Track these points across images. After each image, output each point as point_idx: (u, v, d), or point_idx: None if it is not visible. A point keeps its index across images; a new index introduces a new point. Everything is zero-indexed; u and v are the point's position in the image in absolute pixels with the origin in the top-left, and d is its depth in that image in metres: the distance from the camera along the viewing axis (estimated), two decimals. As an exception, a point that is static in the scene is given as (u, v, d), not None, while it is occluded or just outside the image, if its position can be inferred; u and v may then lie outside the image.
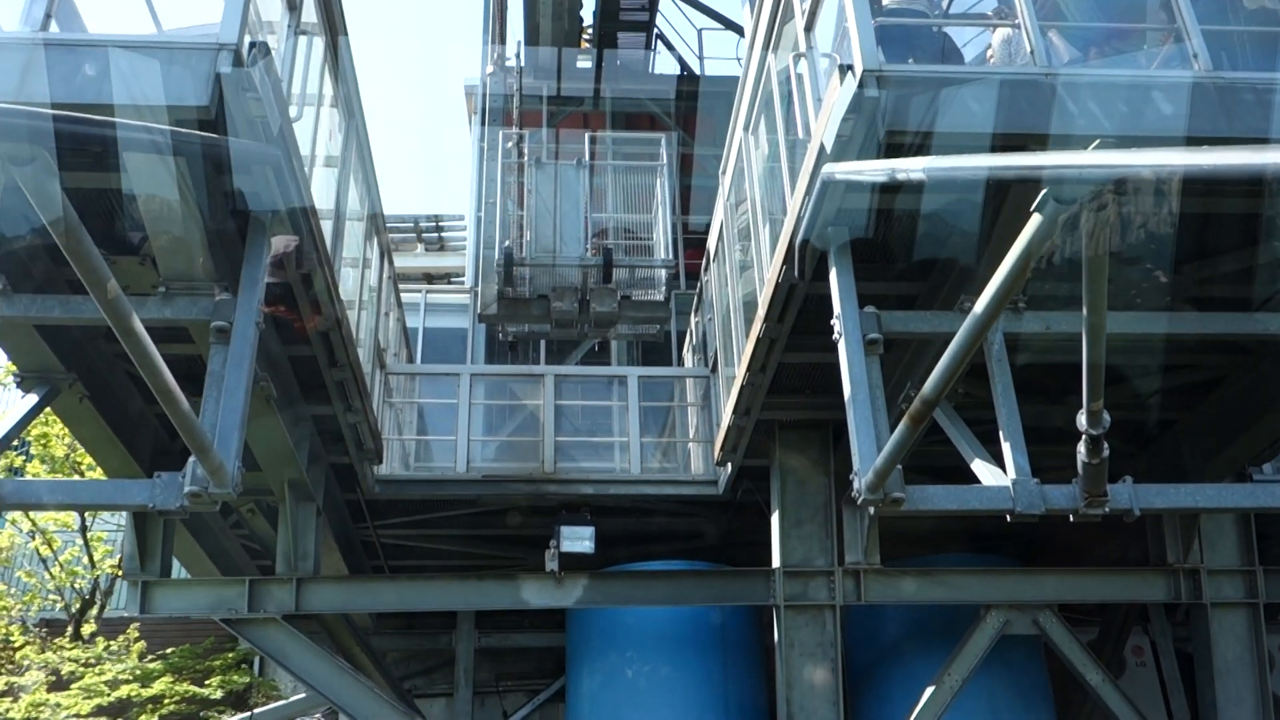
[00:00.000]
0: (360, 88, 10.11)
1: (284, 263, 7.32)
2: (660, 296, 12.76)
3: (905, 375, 7.92)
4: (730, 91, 19.01)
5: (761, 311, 8.30)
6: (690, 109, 18.67)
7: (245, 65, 6.03)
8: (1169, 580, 9.80)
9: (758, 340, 8.48)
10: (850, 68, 6.29)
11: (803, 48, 7.60)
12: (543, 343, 16.00)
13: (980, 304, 4.54)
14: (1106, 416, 5.47)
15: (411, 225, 21.66)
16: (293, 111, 7.26)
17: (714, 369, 11.97)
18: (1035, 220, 4.05)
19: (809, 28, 7.58)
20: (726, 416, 9.95)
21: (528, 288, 12.66)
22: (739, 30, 19.80)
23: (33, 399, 7.50)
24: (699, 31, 20.21)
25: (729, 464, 10.61)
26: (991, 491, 6.39)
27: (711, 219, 13.05)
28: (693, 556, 11.76)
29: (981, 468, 6.66)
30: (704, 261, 12.82)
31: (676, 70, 20.09)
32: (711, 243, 12.13)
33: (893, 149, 6.25)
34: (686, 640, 10.86)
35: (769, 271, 8.93)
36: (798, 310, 8.02)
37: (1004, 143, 6.02)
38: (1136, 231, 3.59)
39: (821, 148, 6.55)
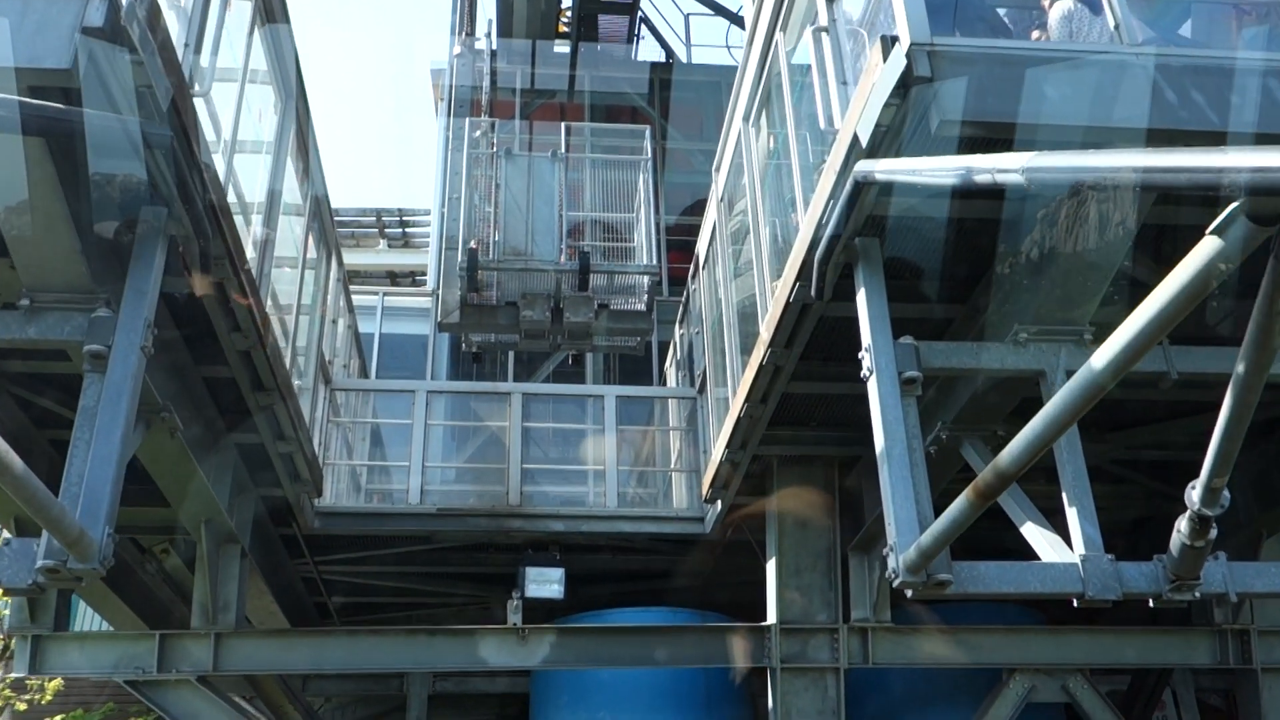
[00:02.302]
0: (306, 64, 8.75)
1: (187, 268, 5.97)
2: (642, 306, 11.45)
3: (933, 412, 6.65)
4: (719, 81, 17.88)
5: (765, 335, 7.02)
6: (676, 99, 17.32)
7: (123, 19, 4.67)
8: (1214, 642, 8.68)
9: (760, 368, 7.20)
10: (895, 40, 5.00)
11: (824, 21, 6.31)
12: (511, 354, 14.62)
13: (1109, 351, 3.26)
14: (1226, 495, 4.19)
15: (374, 219, 20.25)
16: (200, 85, 5.91)
17: (701, 389, 10.68)
18: (1211, 245, 2.77)
19: (832, -3, 6.29)
20: (718, 450, 8.65)
21: (495, 293, 11.32)
22: (729, 16, 18.54)
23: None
24: (686, 17, 18.89)
25: (719, 501, 9.31)
26: (1057, 571, 5.13)
27: (699, 220, 11.80)
28: (673, 599, 10.47)
29: (1037, 535, 5.40)
30: (691, 267, 11.52)
31: (661, 58, 18.72)
32: (701, 247, 10.83)
33: (947, 143, 4.98)
34: (666, 698, 9.57)
35: (777, 287, 7.66)
36: (809, 334, 6.75)
37: (1093, 138, 4.75)
38: None
39: (854, 140, 5.26)
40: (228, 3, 6.69)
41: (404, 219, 20.56)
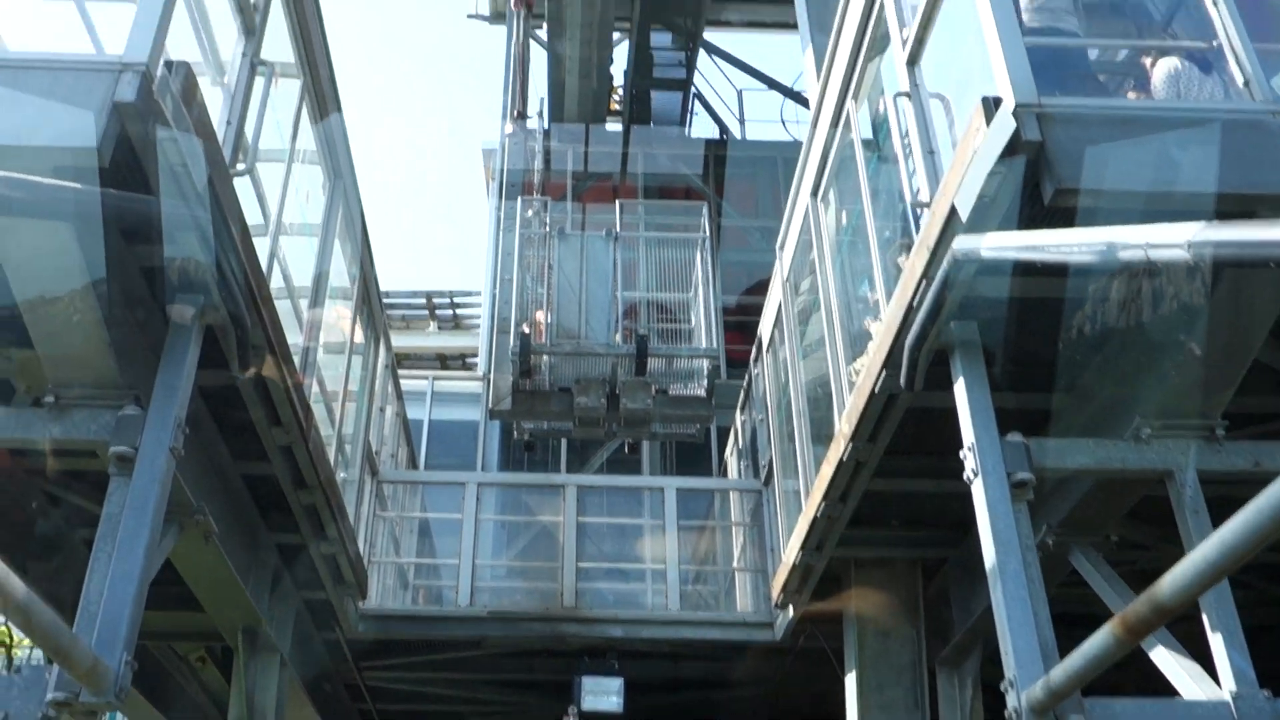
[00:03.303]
0: (354, 142, 8.42)
1: (224, 358, 5.53)
2: (702, 391, 10.90)
3: (1036, 513, 6.00)
4: (775, 157, 17.52)
5: (846, 428, 6.44)
6: (731, 176, 16.92)
7: (156, 92, 4.28)
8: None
9: (839, 464, 6.61)
10: (998, 101, 4.50)
11: (904, 86, 5.84)
12: (564, 442, 14.10)
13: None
14: None
15: (424, 301, 19.96)
16: (242, 164, 5.53)
17: (767, 480, 10.07)
18: None
19: (914, 60, 5.84)
20: (791, 552, 8.02)
21: (547, 379, 10.83)
22: (784, 90, 18.22)
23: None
24: (739, 93, 18.60)
25: (790, 606, 8.65)
26: (1205, 711, 4.45)
27: (757, 300, 11.30)
28: (739, 709, 9.76)
29: (1174, 666, 4.73)
30: (753, 350, 10.97)
31: (714, 135, 18.39)
32: (765, 328, 10.30)
33: (1057, 214, 4.44)
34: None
35: (853, 373, 7.11)
36: (895, 427, 6.17)
37: (1230, 206, 4.19)
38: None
39: (951, 214, 4.74)
40: (274, 79, 6.36)
41: (454, 301, 20.27)
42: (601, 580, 10.42)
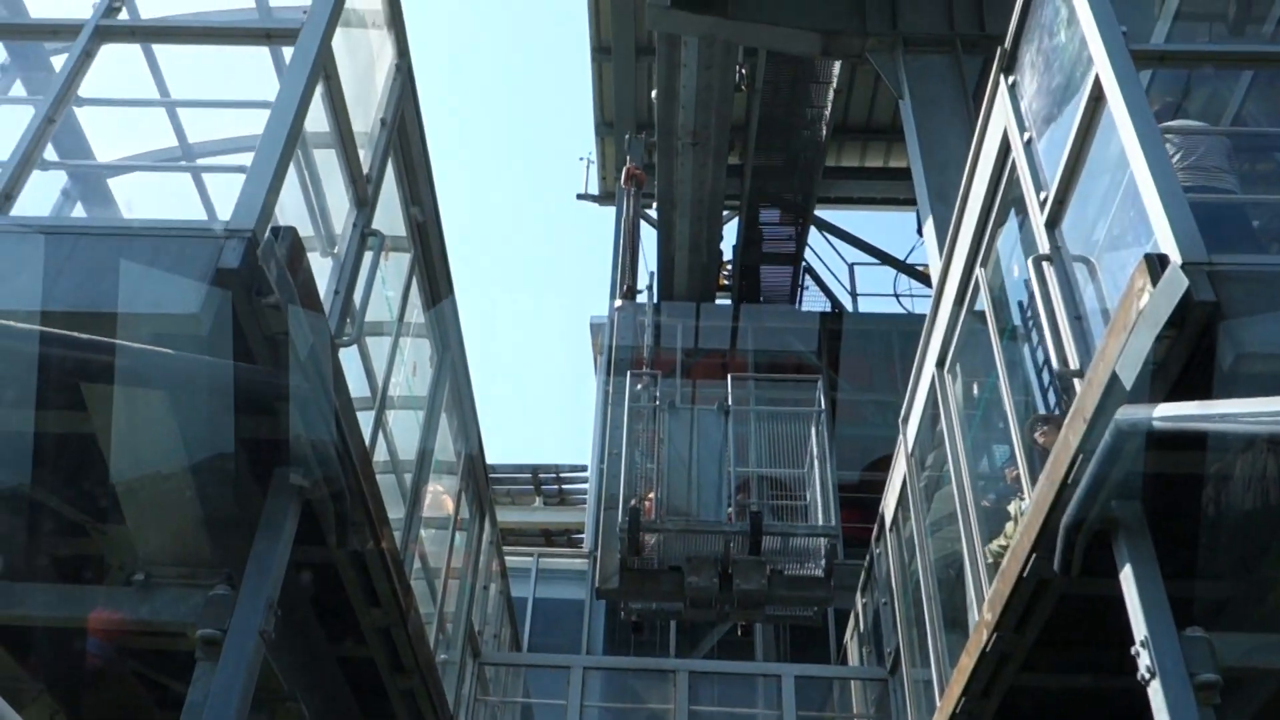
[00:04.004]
0: (463, 317, 8.33)
1: (322, 535, 5.26)
2: (819, 571, 10.29)
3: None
4: (889, 330, 17.22)
5: (989, 615, 5.84)
6: (845, 350, 16.60)
7: (260, 258, 4.14)
8: None
9: (982, 655, 5.98)
10: (1162, 259, 4.10)
11: (1044, 248, 5.48)
12: (673, 623, 13.48)
13: None
14: None
15: (530, 476, 19.77)
16: (347, 334, 5.38)
17: (894, 669, 9.34)
18: None
19: (1054, 222, 5.49)
20: (926, 752, 7.29)
21: (657, 557, 10.36)
22: (897, 264, 18.04)
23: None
24: (850, 266, 18.46)
25: (926, 813, 7.84)
26: None
27: (874, 475, 10.76)
28: None
29: None
30: (875, 528, 10.38)
31: (826, 308, 18.19)
32: (887, 505, 9.75)
33: (1237, 380, 3.96)
34: None
35: (991, 555, 6.55)
36: (1046, 616, 5.56)
37: None
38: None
39: (1112, 382, 4.29)
40: (384, 250, 6.29)
41: (561, 476, 20.05)
42: (714, 775, 9.68)
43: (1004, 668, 6.06)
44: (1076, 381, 4.96)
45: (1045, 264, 5.42)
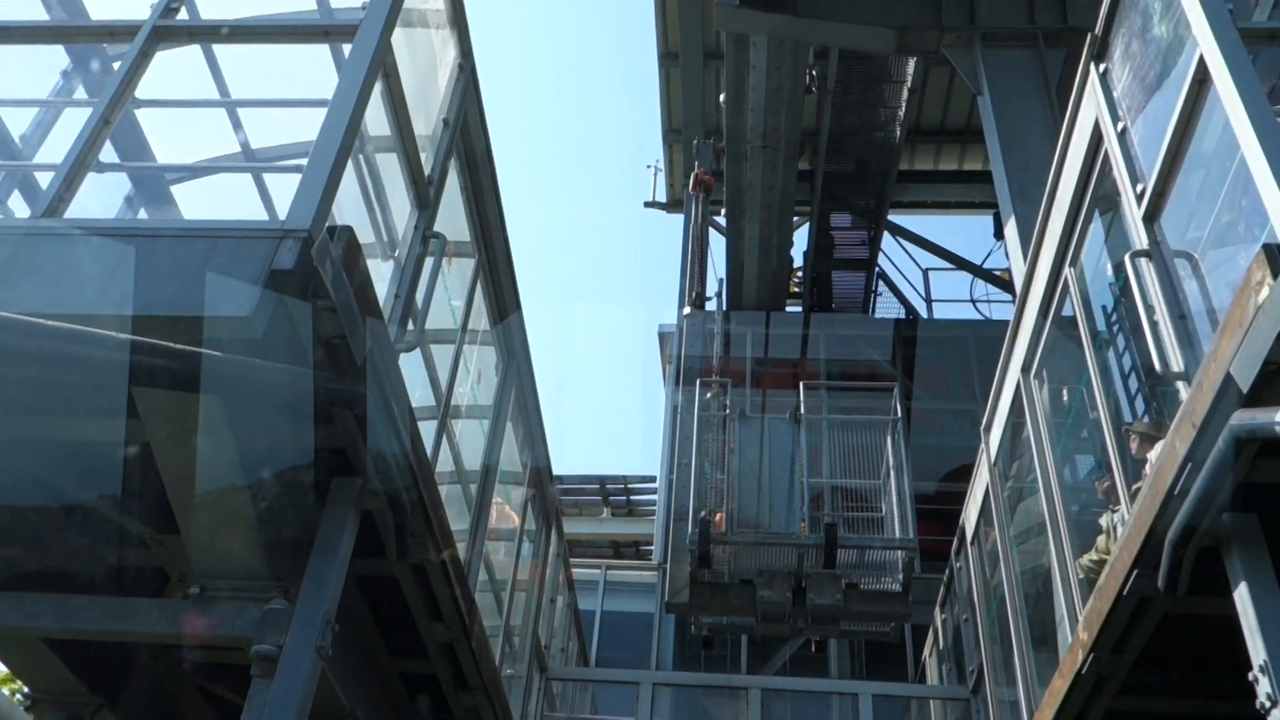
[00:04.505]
0: (529, 325, 8.14)
1: (382, 547, 5.08)
2: (897, 586, 9.93)
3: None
4: (966, 337, 16.74)
5: (1085, 635, 5.49)
6: (919, 358, 16.16)
7: (315, 258, 3.97)
8: None
9: (1076, 677, 5.64)
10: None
11: (1141, 244, 5.14)
12: (744, 638, 13.17)
13: None
14: None
15: (598, 487, 19.59)
16: (406, 339, 5.20)
17: (976, 688, 8.96)
18: None
19: (1152, 216, 5.14)
20: (1015, 778, 6.93)
21: (728, 570, 10.08)
22: (973, 269, 17.55)
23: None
24: (925, 272, 18.01)
25: (1014, 842, 7.45)
26: None
27: (951, 486, 10.37)
28: None
29: None
30: (955, 541, 10.00)
31: (899, 315, 17.76)
32: (968, 517, 9.38)
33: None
34: None
35: (1083, 570, 6.19)
36: (1148, 636, 5.20)
37: None
38: None
39: (1226, 382, 3.95)
40: (447, 255, 6.13)
41: (629, 487, 19.83)
42: (788, 798, 9.37)
43: (1100, 691, 5.71)
44: (1181, 385, 4.63)
45: (1144, 261, 5.09)
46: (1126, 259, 5.14)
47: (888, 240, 18.11)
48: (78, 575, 5.08)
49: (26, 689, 5.55)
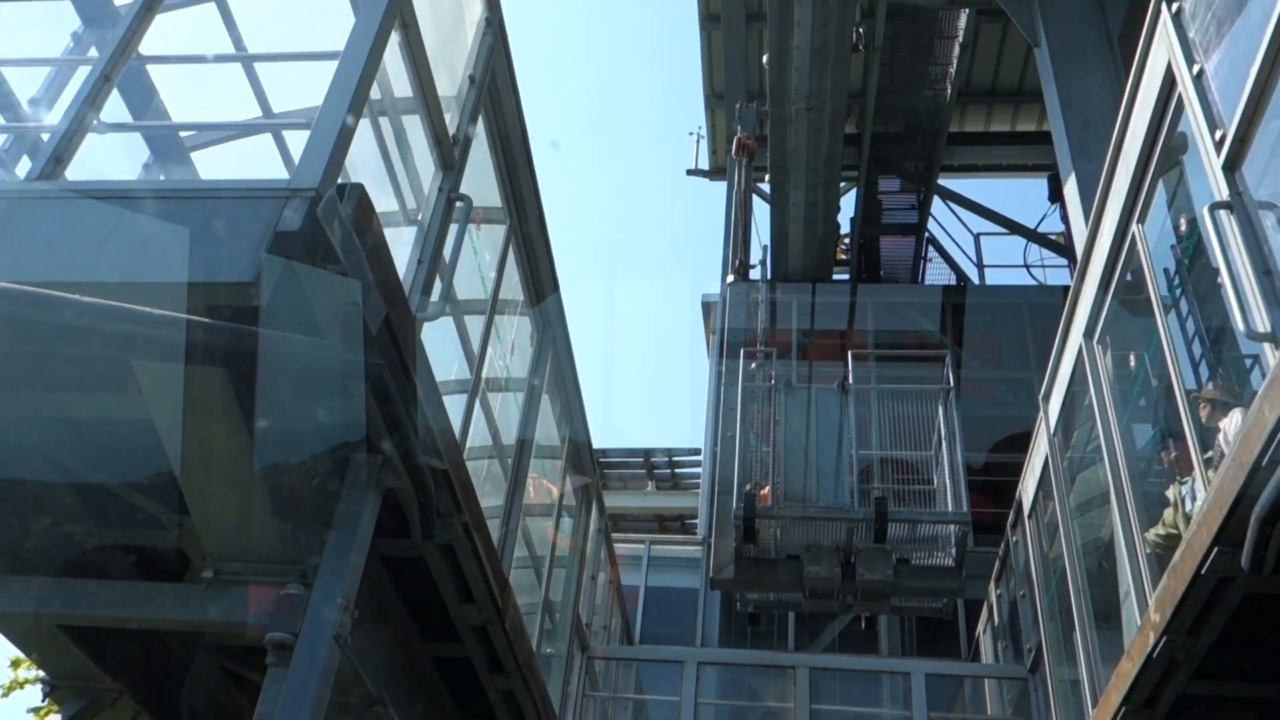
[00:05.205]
0: (566, 295, 7.83)
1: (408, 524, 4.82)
2: (949, 561, 9.58)
3: None
4: (1020, 303, 16.23)
5: (1156, 616, 5.13)
6: (970, 325, 15.66)
7: (322, 218, 3.69)
8: None
9: (1147, 660, 5.28)
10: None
11: (1221, 194, 4.73)
12: (791, 615, 12.85)
13: None
14: None
15: (641, 460, 19.32)
16: (429, 307, 4.91)
17: (1034, 667, 8.60)
18: None
19: (1234, 164, 4.72)
20: (1078, 765, 6.59)
21: (774, 545, 9.79)
22: (1026, 233, 17.00)
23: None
24: (976, 237, 17.47)
25: (1077, 830, 7.11)
26: None
27: (1004, 457, 9.98)
28: None
29: None
30: (1011, 514, 9.62)
31: (949, 281, 17.24)
32: (1025, 489, 8.99)
33: None
34: None
35: (1151, 543, 5.82)
36: (1227, 617, 4.83)
37: None
38: None
39: (1323, 344, 3.55)
40: (475, 219, 5.83)
41: (673, 460, 19.54)
42: (838, 779, 9.08)
43: (1173, 675, 5.34)
44: (1268, 347, 4.24)
45: (1224, 213, 4.68)
46: (1204, 211, 4.74)
47: (938, 205, 17.58)
48: (95, 559, 4.88)
49: (45, 676, 5.38)
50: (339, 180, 3.95)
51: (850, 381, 10.62)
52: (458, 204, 5.35)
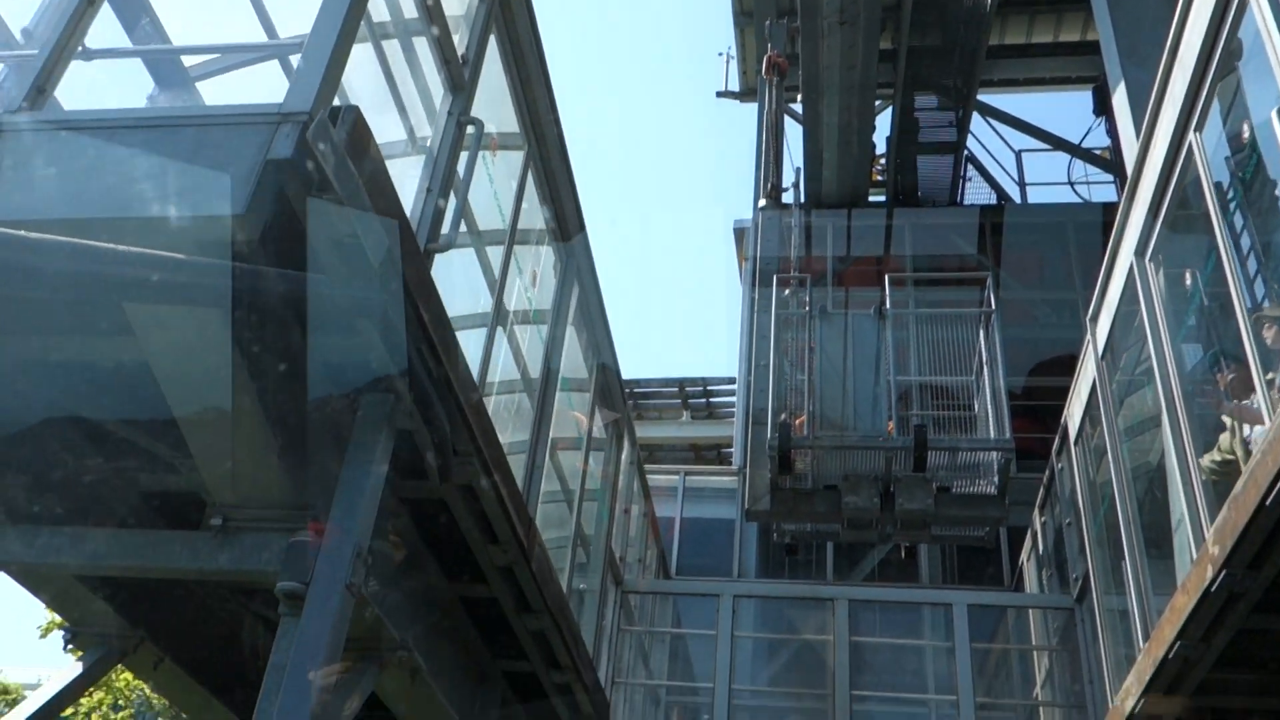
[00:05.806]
0: (592, 226, 7.54)
1: (425, 469, 4.63)
2: (992, 489, 9.35)
3: None
4: (1063, 221, 15.71)
5: (1215, 549, 4.87)
6: (1011, 245, 15.19)
7: (311, 139, 3.43)
8: None
9: (1205, 594, 5.03)
10: None
11: (1289, 97, 4.35)
12: (830, 545, 12.67)
13: None
14: None
15: (676, 389, 19.11)
16: (441, 238, 4.65)
17: (1081, 596, 8.38)
18: None
19: (1303, 64, 4.34)
20: (1127, 697, 6.37)
21: (811, 475, 9.57)
22: (1071, 149, 16.42)
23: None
24: (1017, 154, 16.90)
25: (1127, 764, 6.91)
26: None
27: (1046, 381, 9.66)
28: None
29: None
30: (1056, 440, 9.33)
31: (990, 201, 16.73)
32: (1072, 414, 8.69)
33: None
34: None
35: (1207, 469, 5.54)
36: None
37: None
38: None
39: None
40: (490, 146, 5.56)
41: (708, 389, 19.32)
42: (879, 711, 8.93)
43: (1232, 608, 5.10)
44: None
45: (1291, 116, 4.32)
46: (1273, 114, 4.38)
47: (977, 122, 16.98)
48: (110, 505, 4.73)
49: (65, 624, 5.28)
50: (337, 104, 3.69)
51: (887, 306, 10.30)
52: (469, 128, 5.06)
